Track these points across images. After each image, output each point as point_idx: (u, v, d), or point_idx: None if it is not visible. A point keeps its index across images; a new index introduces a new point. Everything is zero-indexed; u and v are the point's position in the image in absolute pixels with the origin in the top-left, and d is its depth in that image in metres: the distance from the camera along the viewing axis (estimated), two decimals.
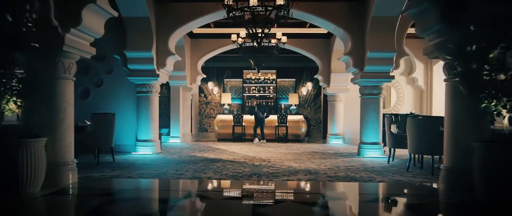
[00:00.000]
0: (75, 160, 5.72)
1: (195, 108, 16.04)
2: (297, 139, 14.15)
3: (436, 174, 6.51)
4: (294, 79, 16.32)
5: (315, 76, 13.97)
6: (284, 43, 10.70)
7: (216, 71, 16.47)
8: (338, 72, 12.92)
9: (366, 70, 9.21)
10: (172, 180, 6.02)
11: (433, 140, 6.57)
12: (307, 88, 15.95)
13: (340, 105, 13.43)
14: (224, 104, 15.17)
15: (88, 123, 7.96)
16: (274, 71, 16.26)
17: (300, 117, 14.36)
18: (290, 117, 14.16)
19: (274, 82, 16.21)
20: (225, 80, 16.52)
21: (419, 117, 6.81)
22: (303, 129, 14.17)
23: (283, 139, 13.86)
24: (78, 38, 5.46)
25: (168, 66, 9.86)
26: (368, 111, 9.48)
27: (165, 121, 14.14)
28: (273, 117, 14.30)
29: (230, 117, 14.28)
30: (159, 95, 10.23)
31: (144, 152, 9.73)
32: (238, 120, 13.73)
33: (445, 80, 5.49)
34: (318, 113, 16.24)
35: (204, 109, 16.52)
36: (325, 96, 15.11)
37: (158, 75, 9.63)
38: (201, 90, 16.53)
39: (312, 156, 9.41)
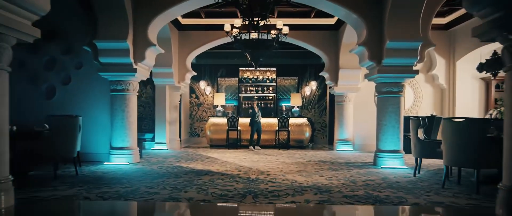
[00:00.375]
0: (10, 176, 4.40)
1: (185, 110, 14.70)
2: (300, 145, 12.82)
3: (482, 192, 5.19)
4: (296, 78, 15.01)
5: (320, 74, 12.66)
6: (285, 34, 9.41)
7: (208, 69, 15.15)
8: (347, 69, 11.61)
9: (385, 63, 7.90)
10: (140, 202, 4.68)
11: (478, 150, 5.23)
12: (311, 87, 14.64)
13: (350, 107, 12.11)
14: (217, 106, 13.81)
15: (47, 127, 6.61)
16: (274, 69, 14.95)
17: (304, 120, 13.03)
18: (292, 120, 12.83)
19: (273, 81, 14.91)
20: (219, 79, 15.21)
21: (460, 120, 5.47)
22: (307, 134, 12.84)
23: (284, 145, 12.53)
24: (12, 14, 4.14)
25: (148, 59, 8.53)
26: (387, 112, 8.16)
27: (149, 125, 12.79)
28: (273, 120, 12.96)
29: (224, 120, 12.95)
30: (138, 94, 8.93)
31: (119, 161, 8.41)
32: (233, 124, 12.39)
33: (505, 70, 4.19)
34: (324, 115, 14.92)
35: (195, 112, 15.19)
36: (332, 96, 13.81)
37: (135, 70, 8.31)
38: (192, 90, 15.20)
39: (319, 166, 8.08)
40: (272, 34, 9.34)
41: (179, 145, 12.70)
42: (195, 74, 12.88)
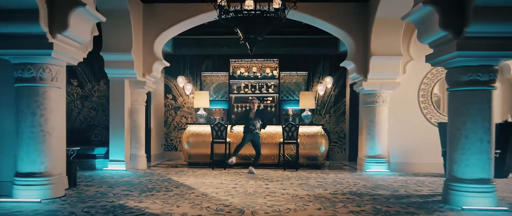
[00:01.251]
0: None
1: (156, 115, 11.73)
2: (313, 163, 9.90)
3: None
4: (305, 73, 12.11)
5: (342, 65, 9.71)
6: (294, 2, 6.62)
7: (189, 61, 12.25)
8: (382, 56, 8.71)
9: (471, 32, 4.97)
10: None
11: None
12: (324, 85, 11.68)
13: (383, 110, 9.18)
14: (198, 109, 10.79)
15: None
16: (276, 60, 12.02)
17: (318, 129, 10.08)
18: (302, 130, 9.93)
19: (275, 78, 11.93)
20: (203, 74, 12.32)
21: None
22: (323, 148, 9.89)
23: (292, 164, 9.57)
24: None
25: (76, 29, 5.63)
26: (469, 116, 5.27)
27: (103, 135, 9.75)
28: (275, 130, 9.99)
29: (206, 129, 9.99)
30: (59, 87, 5.94)
31: (26, 197, 5.44)
32: (219, 134, 9.42)
33: None
34: (342, 123, 11.98)
35: (172, 117, 12.25)
36: (354, 96, 10.96)
37: (51, 46, 5.31)
38: (167, 89, 12.27)
39: (358, 207, 5.11)
40: (275, 2, 6.57)
41: (145, 163, 9.68)
42: (168, 64, 9.90)
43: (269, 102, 12.15)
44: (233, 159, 8.92)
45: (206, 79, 12.37)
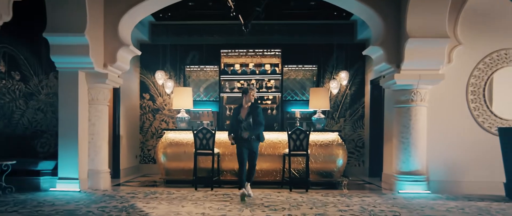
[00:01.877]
0: None
1: (130, 118, 9.84)
2: (327, 181, 8.01)
3: None
4: (315, 67, 10.16)
5: (365, 53, 7.78)
6: None
7: (170, 51, 10.34)
8: (422, 38, 6.76)
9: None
10: None
11: None
12: (338, 82, 9.73)
13: (421, 111, 7.26)
14: (180, 111, 8.78)
15: None
16: (278, 51, 10.02)
17: (334, 136, 8.15)
18: (313, 137, 8.03)
19: (277, 73, 9.97)
20: (187, 68, 10.34)
21: None
22: (340, 161, 7.97)
23: (300, 182, 7.61)
24: None
25: None
26: None
27: (52, 144, 7.73)
28: (278, 137, 8.04)
29: (188, 136, 8.01)
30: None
31: None
32: (204, 143, 7.51)
33: None
34: (360, 129, 10.09)
35: (149, 122, 10.35)
36: (377, 94, 9.16)
37: None
38: (143, 87, 10.41)
39: None
40: None
41: (108, 181, 7.69)
42: (138, 53, 7.96)
43: (269, 103, 10.14)
44: (245, 190, 6.42)
45: (191, 74, 10.39)
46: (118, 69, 7.71)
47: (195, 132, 7.50)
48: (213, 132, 7.49)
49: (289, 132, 7.45)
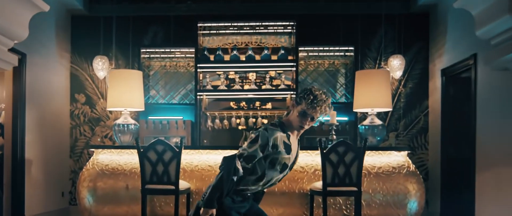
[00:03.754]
0: None
1: (51, 132, 6.92)
2: None
3: None
4: (349, 50, 7.29)
5: (457, 5, 4.70)
6: None
7: (119, 27, 7.40)
8: None
9: None
10: None
11: None
12: (389, 71, 6.61)
13: None
14: (118, 117, 5.76)
15: None
16: (290, 26, 7.19)
17: (400, 158, 5.33)
18: (371, 160, 5.16)
19: (290, 60, 7.09)
20: (143, 52, 7.48)
21: None
22: (414, 203, 4.91)
23: None
24: None
25: None
26: None
27: None
28: (299, 159, 4.92)
29: (131, 160, 4.93)
30: None
31: None
32: (160, 172, 4.58)
33: None
34: (421, 150, 7.51)
35: (86, 138, 7.51)
36: (464, 89, 6.48)
37: None
38: (76, 84, 7.61)
39: None
40: None
41: None
42: (46, 7, 4.74)
43: (276, 112, 7.10)
44: None
45: (151, 62, 7.46)
46: (3, 35, 4.52)
47: (142, 150, 4.36)
48: (177, 150, 4.36)
49: (325, 150, 4.37)
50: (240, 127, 7.09)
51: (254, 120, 7.05)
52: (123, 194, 5.04)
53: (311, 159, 5.12)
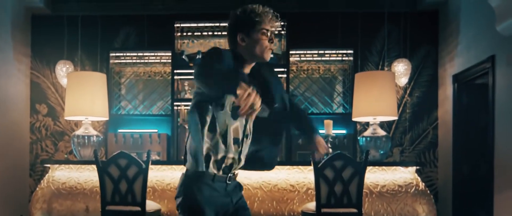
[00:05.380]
0: None
1: (7, 150, 6.60)
2: None
3: None
4: (348, 53, 7.19)
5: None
6: None
7: (86, 28, 7.21)
8: None
9: None
10: None
11: None
12: (394, 73, 6.43)
13: None
14: (77, 127, 5.56)
15: None
16: (282, 24, 7.15)
17: (408, 175, 5.22)
18: (373, 177, 5.00)
19: (280, 63, 7.02)
20: (113, 56, 7.26)
21: None
22: None
23: None
24: None
25: None
26: None
27: None
28: (288, 176, 4.78)
29: (92, 177, 4.88)
30: None
31: None
32: (124, 190, 4.42)
33: None
34: (430, 167, 7.26)
35: (48, 154, 7.22)
36: (480, 96, 6.44)
37: None
38: (37, 93, 7.38)
39: None
40: None
41: None
42: None
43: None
44: None
45: (122, 68, 7.23)
46: None
47: (101, 165, 4.09)
48: (143, 165, 4.09)
49: (319, 165, 4.15)
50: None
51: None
52: None
53: (302, 176, 4.93)
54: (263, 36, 2.65)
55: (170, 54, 6.86)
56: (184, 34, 7.08)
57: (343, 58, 7.07)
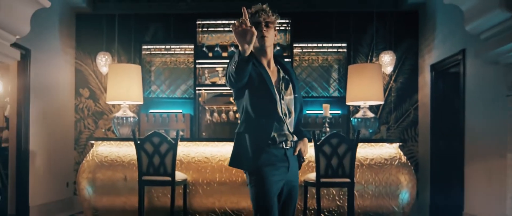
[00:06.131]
0: None
1: (55, 126, 6.51)
2: None
3: None
4: (342, 46, 6.94)
5: (447, 1, 4.42)
6: None
7: (121, 25, 7.01)
8: None
9: None
10: None
11: None
12: (380, 65, 6.28)
13: None
14: (117, 110, 5.45)
15: None
16: (286, 23, 6.92)
17: (392, 150, 5.04)
18: (363, 152, 4.89)
19: (284, 55, 6.75)
20: (145, 47, 7.08)
21: None
22: (406, 193, 4.66)
23: None
24: None
25: None
26: None
27: None
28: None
29: (128, 151, 4.67)
30: None
31: None
32: (157, 163, 4.36)
33: None
34: (412, 142, 7.08)
35: (90, 131, 7.15)
36: (452, 83, 6.23)
37: None
38: (81, 79, 7.20)
39: None
40: None
41: None
42: (47, 4, 4.44)
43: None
44: None
45: (152, 58, 7.12)
46: (5, 30, 4.23)
47: (138, 142, 4.06)
48: (173, 142, 4.06)
49: (318, 142, 4.06)
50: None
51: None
52: (121, 185, 4.75)
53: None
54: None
55: (192, 46, 6.71)
56: (205, 29, 6.94)
57: (338, 50, 6.89)
